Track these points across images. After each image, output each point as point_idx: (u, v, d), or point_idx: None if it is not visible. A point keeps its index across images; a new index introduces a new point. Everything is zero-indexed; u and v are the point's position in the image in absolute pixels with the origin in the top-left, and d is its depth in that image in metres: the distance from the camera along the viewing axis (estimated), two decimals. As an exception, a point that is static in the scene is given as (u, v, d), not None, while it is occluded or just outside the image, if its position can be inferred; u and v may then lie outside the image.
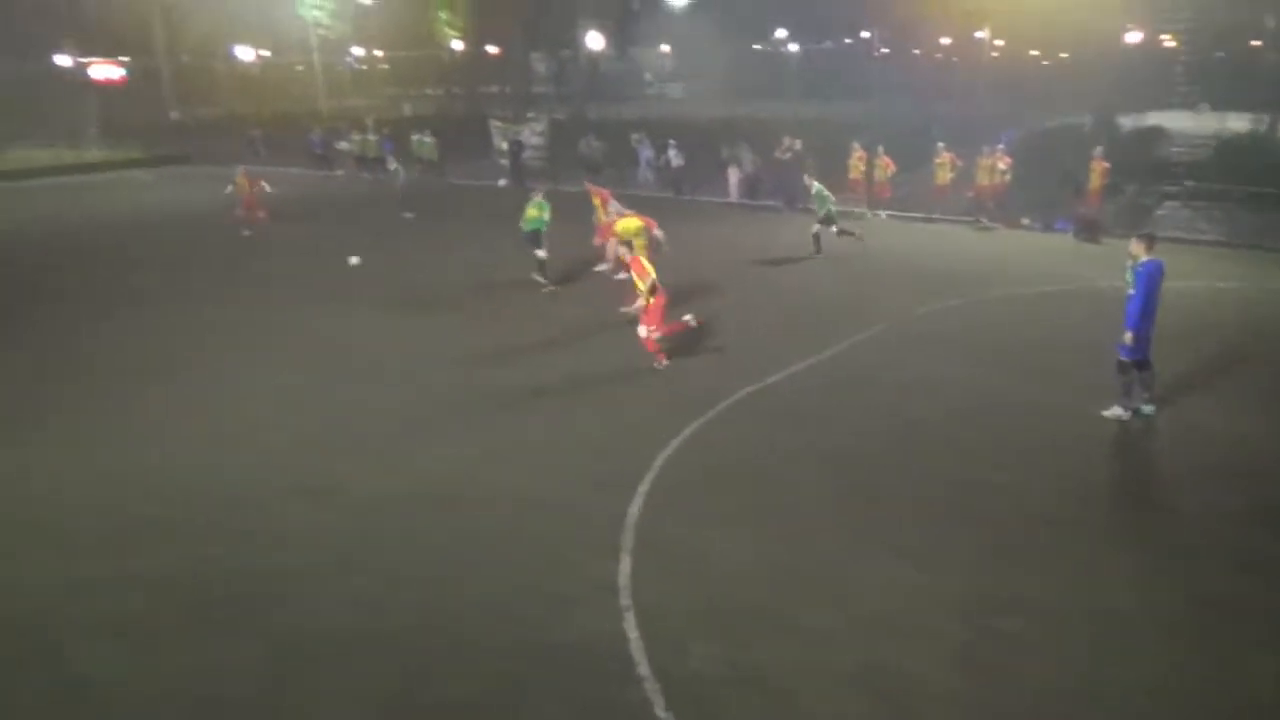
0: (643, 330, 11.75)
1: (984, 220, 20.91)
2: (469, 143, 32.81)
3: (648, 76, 62.60)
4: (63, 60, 67.72)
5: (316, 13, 54.10)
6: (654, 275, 11.68)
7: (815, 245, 17.95)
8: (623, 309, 13.56)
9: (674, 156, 26.64)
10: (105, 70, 59.70)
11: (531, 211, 15.78)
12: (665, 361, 11.92)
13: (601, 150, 28.72)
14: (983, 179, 20.82)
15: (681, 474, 8.98)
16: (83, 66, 61.05)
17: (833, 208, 18.01)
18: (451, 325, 14.16)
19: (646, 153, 27.89)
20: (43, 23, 61.80)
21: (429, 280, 16.97)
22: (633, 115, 35.64)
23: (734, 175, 25.21)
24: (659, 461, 9.20)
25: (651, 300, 11.66)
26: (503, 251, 15.32)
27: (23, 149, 38.58)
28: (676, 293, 14.34)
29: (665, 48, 62.70)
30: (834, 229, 17.87)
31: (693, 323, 12.25)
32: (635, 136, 28.36)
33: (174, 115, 54.02)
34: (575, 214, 17.29)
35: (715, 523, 8.06)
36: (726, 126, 30.26)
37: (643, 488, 8.64)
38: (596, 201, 16.83)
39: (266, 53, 69.41)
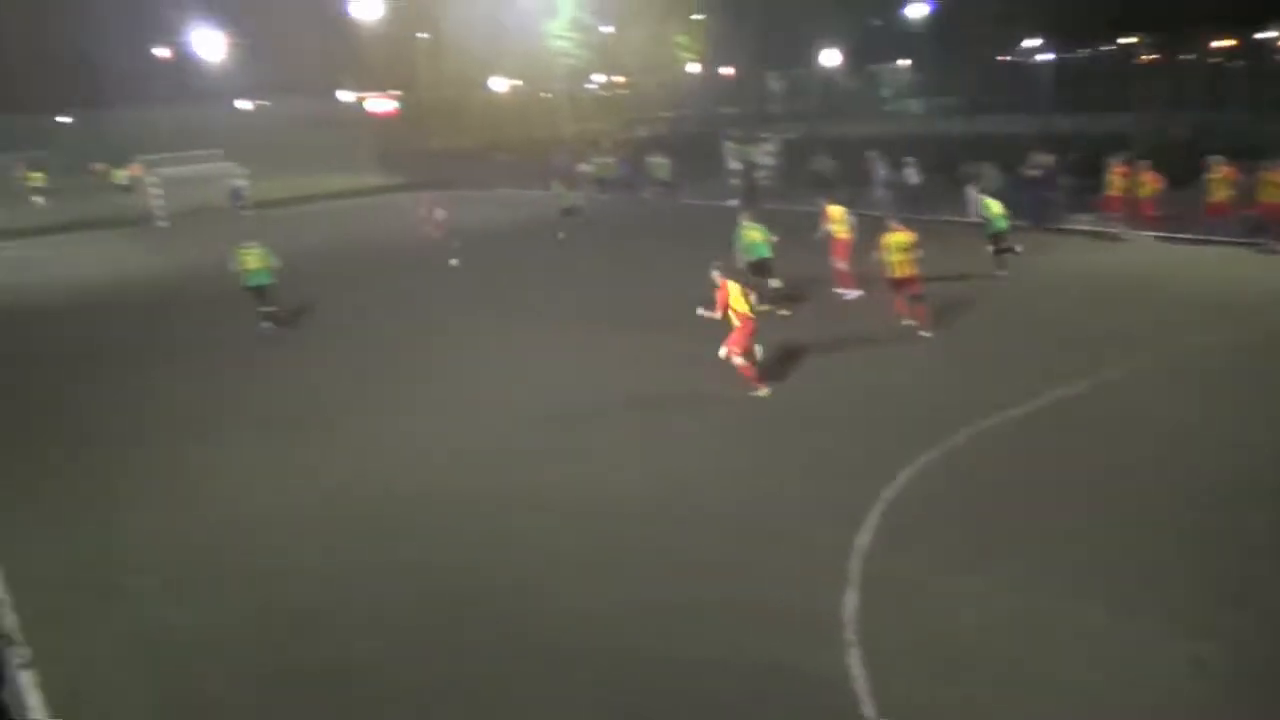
0: (723, 351, 11.53)
1: (1270, 243, 18.64)
2: (702, 163, 33.35)
3: (885, 92, 60.93)
4: (344, 96, 75.89)
5: (563, 43, 57.13)
6: (746, 308, 11.44)
7: (997, 264, 17.47)
8: (905, 321, 13.67)
9: (911, 174, 25.77)
10: (379, 104, 66.15)
11: (754, 234, 15.27)
12: (764, 389, 11.67)
13: (834, 168, 28.28)
14: (1268, 196, 18.57)
15: (916, 506, 8.66)
16: (360, 101, 68.06)
17: (1003, 225, 17.30)
18: (671, 343, 14.31)
19: (882, 171, 27.15)
20: (328, 64, 69.59)
21: (652, 298, 17.41)
22: (868, 132, 34.79)
23: (974, 193, 24.03)
24: (890, 491, 8.93)
25: (738, 325, 11.46)
26: (729, 270, 15.44)
27: (315, 175, 43.39)
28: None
29: (904, 62, 60.80)
30: (993, 248, 17.39)
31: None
32: (870, 154, 27.72)
33: (435, 145, 58.73)
34: (807, 234, 17.16)
35: (955, 561, 7.70)
36: (968, 142, 28.90)
37: (871, 518, 8.42)
38: (829, 221, 16.55)
39: (518, 82, 74.18)
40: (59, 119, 74.62)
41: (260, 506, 9.76)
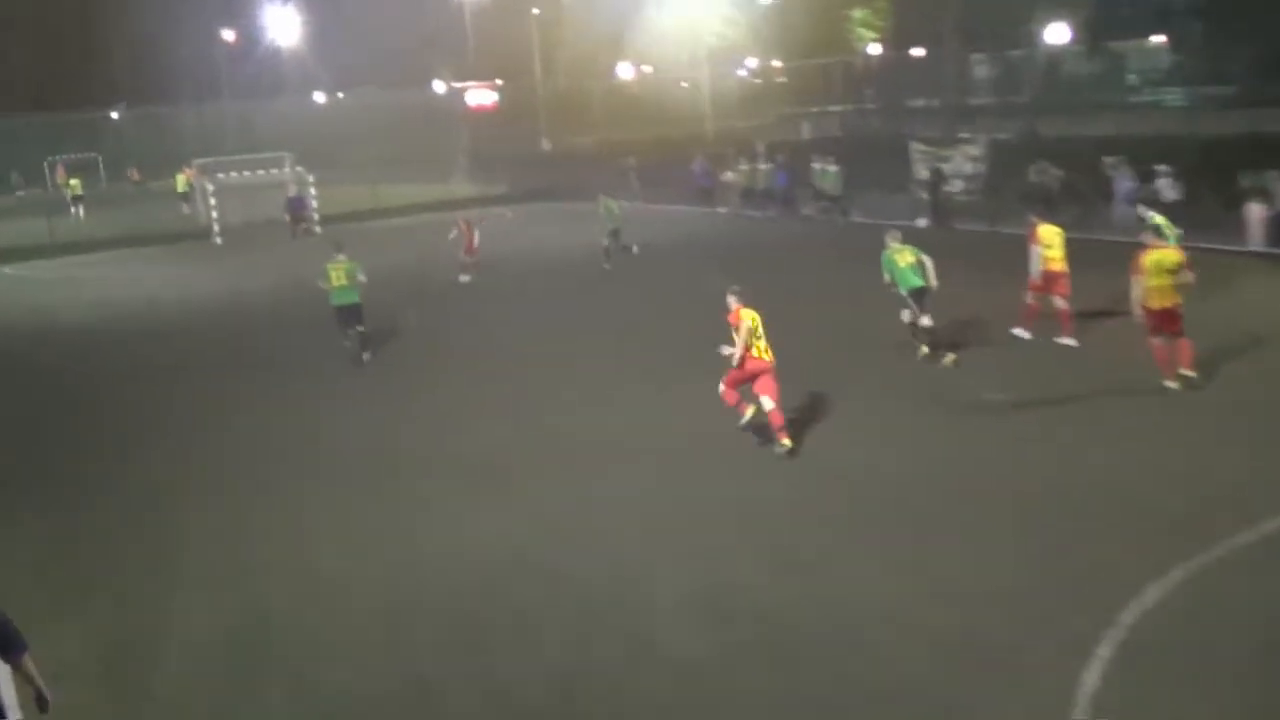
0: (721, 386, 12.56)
1: None
2: (883, 171, 33.04)
3: (1131, 79, 59.06)
4: (438, 87, 79.28)
5: (708, 20, 58.06)
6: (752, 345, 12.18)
7: None
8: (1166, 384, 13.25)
9: (1165, 187, 24.88)
10: (479, 96, 68.82)
11: (904, 258, 15.19)
12: (747, 415, 12.48)
13: (1059, 179, 27.55)
14: None
15: (1169, 637, 8.17)
16: (458, 93, 70.89)
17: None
18: (827, 402, 14.29)
19: (1126, 183, 26.29)
20: (422, 49, 72.91)
21: (795, 342, 17.25)
22: (1107, 132, 33.76)
23: (1257, 213, 22.95)
24: (1129, 615, 8.43)
25: (737, 364, 12.26)
26: (889, 308, 15.29)
27: (397, 183, 45.27)
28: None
29: (1158, 39, 58.86)
30: None
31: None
32: (1110, 161, 26.91)
33: (545, 145, 60.53)
34: (1002, 264, 16.80)
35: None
36: (1248, 145, 27.67)
37: (1103, 649, 7.98)
38: (1039, 244, 16.10)
39: (650, 68, 75.69)
40: (109, 114, 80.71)
41: (323, 584, 10.11)
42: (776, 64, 74.52)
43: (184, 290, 28.19)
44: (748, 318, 12.36)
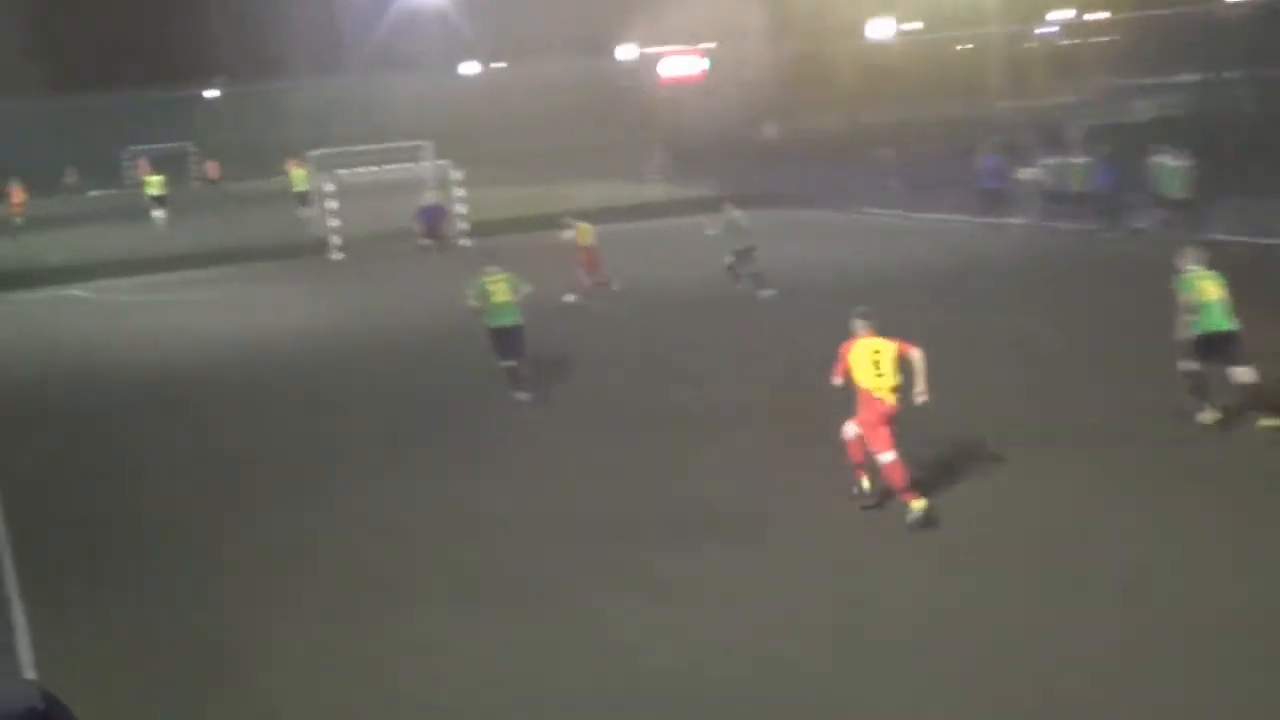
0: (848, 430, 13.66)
1: None
2: (1256, 168, 31.86)
3: None
4: (626, 53, 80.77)
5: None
6: (874, 383, 13.25)
7: None
8: None
9: None
10: (680, 64, 69.67)
11: (1203, 287, 15.22)
12: (867, 487, 13.76)
13: None
14: None
15: None
16: (652, 61, 72.05)
17: None
18: (1111, 491, 14.18)
19: None
20: (610, 6, 74.46)
21: (1104, 410, 17.16)
22: None
23: None
24: None
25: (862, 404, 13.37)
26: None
27: (570, 182, 46.12)
28: None
29: None
30: None
31: None
32: None
33: (769, 131, 60.72)
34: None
35: None
36: None
37: None
38: None
39: (917, 25, 75.35)
40: (202, 93, 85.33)
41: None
42: (1098, 17, 73.15)
43: (291, 322, 29.21)
44: (865, 348, 13.44)
